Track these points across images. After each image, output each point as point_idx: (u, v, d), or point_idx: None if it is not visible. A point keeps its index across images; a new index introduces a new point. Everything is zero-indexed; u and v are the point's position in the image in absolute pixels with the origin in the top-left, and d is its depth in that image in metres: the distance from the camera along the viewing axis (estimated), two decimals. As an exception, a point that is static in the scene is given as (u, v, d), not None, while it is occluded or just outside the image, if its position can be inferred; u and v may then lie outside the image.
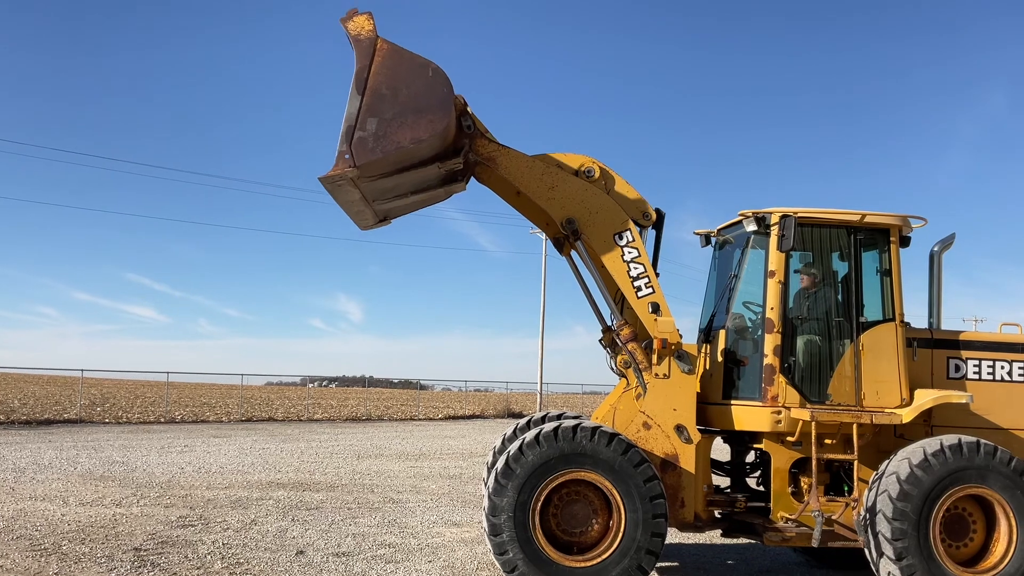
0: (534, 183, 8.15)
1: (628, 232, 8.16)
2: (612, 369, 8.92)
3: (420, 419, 42.04)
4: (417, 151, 7.37)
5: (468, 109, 8.05)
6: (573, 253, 8.69)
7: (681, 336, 8.12)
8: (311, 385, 66.20)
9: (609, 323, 8.72)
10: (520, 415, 41.88)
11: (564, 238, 8.56)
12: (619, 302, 8.41)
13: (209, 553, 9.05)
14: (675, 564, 9.47)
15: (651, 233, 8.52)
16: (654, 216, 8.41)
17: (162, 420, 33.05)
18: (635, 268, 8.14)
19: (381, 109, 7.18)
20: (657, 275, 8.46)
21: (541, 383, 46.87)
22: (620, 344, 8.27)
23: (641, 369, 8.11)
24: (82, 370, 32.84)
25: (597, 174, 8.30)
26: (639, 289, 8.12)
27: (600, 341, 9.01)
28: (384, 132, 7.15)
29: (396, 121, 7.18)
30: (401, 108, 7.21)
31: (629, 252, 8.14)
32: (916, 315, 8.73)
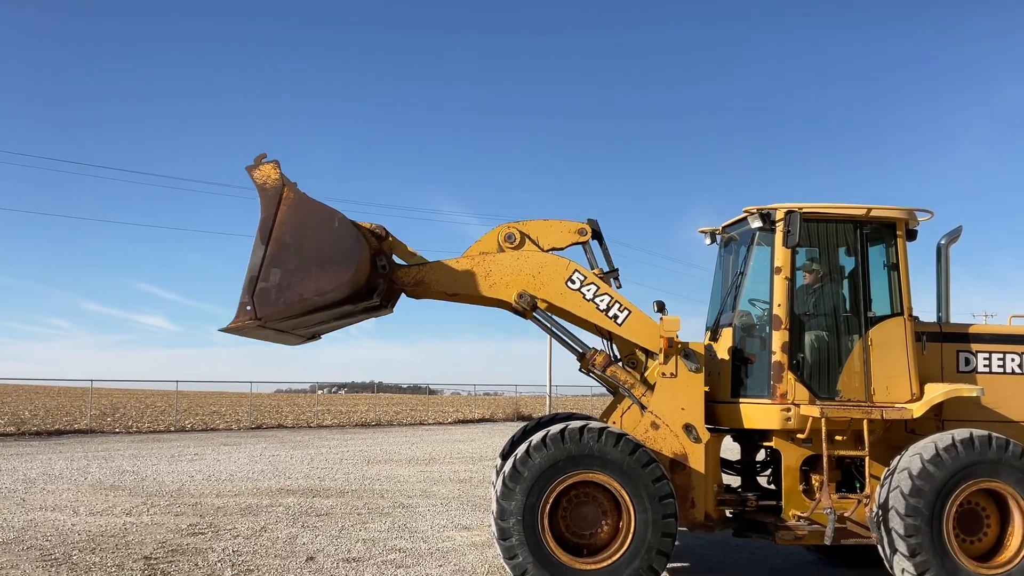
0: (469, 282, 8.09)
1: (576, 272, 8.12)
2: (608, 390, 8.98)
3: (430, 424, 42.02)
4: (321, 301, 7.27)
5: (389, 238, 8.02)
6: (537, 313, 8.33)
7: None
8: (321, 392, 66.29)
9: (582, 352, 8.46)
10: (530, 418, 41.83)
11: (523, 310, 8.26)
12: (606, 336, 8.48)
13: (219, 561, 9.04)
14: (687, 564, 9.42)
15: (594, 244, 8.59)
16: (589, 229, 8.46)
17: (172, 429, 33.08)
18: (601, 301, 8.11)
19: (285, 259, 7.11)
20: (617, 278, 8.57)
21: (550, 385, 46.80)
22: (598, 374, 8.30)
23: (630, 388, 8.09)
24: (92, 380, 32.89)
25: (518, 237, 8.33)
26: (616, 317, 8.11)
27: (580, 370, 8.82)
28: (288, 283, 7.07)
29: (300, 272, 7.10)
30: (305, 259, 7.13)
31: (588, 290, 8.11)
32: (924, 309, 8.67)
